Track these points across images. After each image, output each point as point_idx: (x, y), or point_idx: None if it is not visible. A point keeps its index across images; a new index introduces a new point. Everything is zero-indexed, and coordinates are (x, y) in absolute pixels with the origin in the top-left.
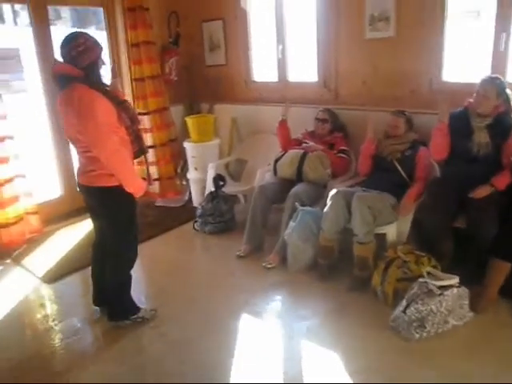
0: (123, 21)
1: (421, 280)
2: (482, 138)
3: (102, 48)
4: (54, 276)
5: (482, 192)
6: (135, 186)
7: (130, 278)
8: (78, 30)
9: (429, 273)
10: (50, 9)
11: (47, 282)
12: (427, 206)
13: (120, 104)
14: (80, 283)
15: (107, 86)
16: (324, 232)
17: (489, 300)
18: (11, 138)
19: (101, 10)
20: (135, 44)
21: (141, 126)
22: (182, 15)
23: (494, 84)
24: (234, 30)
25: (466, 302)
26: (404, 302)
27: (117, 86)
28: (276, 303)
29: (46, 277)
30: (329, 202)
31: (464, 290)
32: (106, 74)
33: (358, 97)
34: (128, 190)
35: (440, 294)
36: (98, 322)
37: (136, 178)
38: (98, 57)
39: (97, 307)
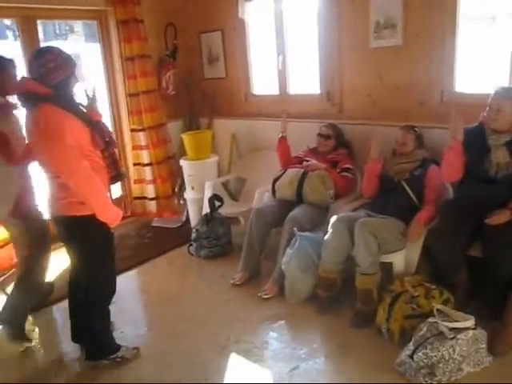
0: (117, 34)
1: (430, 320)
2: (500, 158)
3: (75, 64)
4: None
5: (500, 218)
6: (109, 215)
7: (107, 314)
8: (50, 44)
9: (439, 311)
10: (62, 23)
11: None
12: (439, 231)
13: (94, 125)
14: (62, 315)
15: (81, 105)
16: (324, 263)
17: (510, 341)
18: None
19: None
20: (129, 58)
21: (116, 149)
22: (180, 27)
23: (508, 96)
24: (233, 41)
25: (484, 345)
26: (411, 346)
27: (92, 107)
28: (271, 340)
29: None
30: (330, 230)
31: (481, 333)
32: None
33: (364, 110)
34: (102, 220)
35: (453, 338)
36: (76, 360)
37: (110, 205)
38: (71, 74)
39: (77, 344)
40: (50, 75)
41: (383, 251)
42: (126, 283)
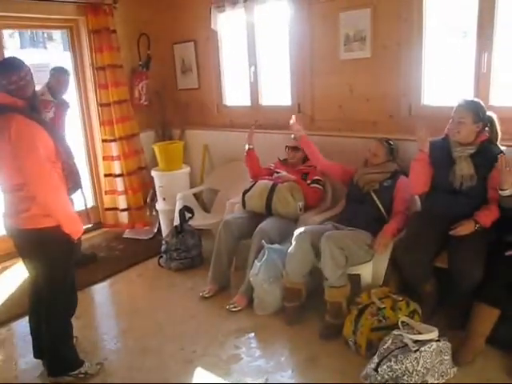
0: (88, 43)
1: (395, 332)
2: (464, 170)
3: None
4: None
5: (464, 229)
6: (74, 227)
7: (69, 328)
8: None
9: (404, 323)
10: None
11: None
12: (406, 242)
13: (57, 137)
14: (23, 331)
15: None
16: (288, 275)
17: (474, 351)
18: None
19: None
20: (101, 67)
21: (75, 160)
22: (153, 37)
23: (468, 108)
24: (206, 52)
25: (448, 356)
26: (376, 358)
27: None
28: (238, 353)
29: None
30: (293, 243)
31: (445, 344)
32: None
33: (335, 122)
34: (66, 231)
35: (416, 350)
36: (38, 377)
37: (75, 217)
38: (35, 86)
39: (38, 360)
40: (26, 88)
41: (351, 263)
42: (95, 296)
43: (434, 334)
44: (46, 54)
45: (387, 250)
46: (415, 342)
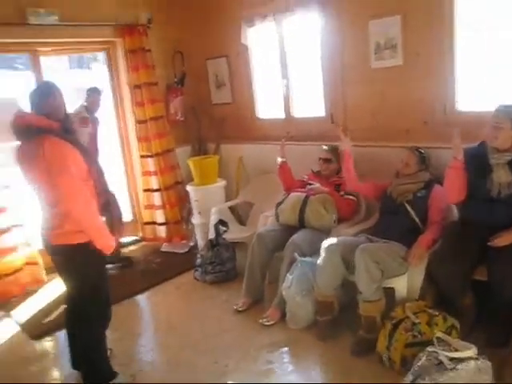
0: (125, 63)
1: (429, 349)
2: (502, 177)
3: None
4: (41, 332)
5: (503, 239)
6: (106, 242)
7: (102, 341)
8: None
9: (440, 339)
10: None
11: (33, 338)
12: (442, 254)
13: (89, 157)
14: (65, 341)
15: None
16: (319, 287)
17: None
18: (7, 187)
19: None
20: (137, 85)
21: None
22: (187, 54)
23: (507, 113)
24: (238, 66)
25: (488, 376)
26: (410, 376)
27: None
28: (271, 368)
29: (33, 332)
30: (322, 254)
31: (485, 363)
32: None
33: (368, 131)
34: (98, 247)
35: (453, 369)
36: None
37: (107, 233)
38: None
39: (76, 370)
40: (59, 110)
41: (386, 276)
42: (132, 308)
43: (472, 352)
44: (90, 74)
45: (422, 262)
46: (451, 359)
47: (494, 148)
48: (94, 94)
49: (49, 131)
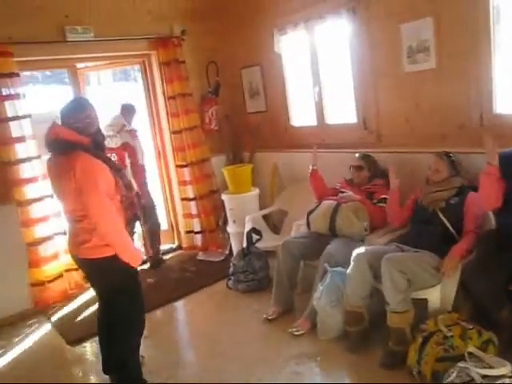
0: (160, 75)
1: (461, 364)
2: None
3: None
4: (78, 338)
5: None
6: (132, 256)
7: (135, 348)
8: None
9: (472, 354)
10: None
11: (70, 344)
12: (477, 265)
13: (118, 171)
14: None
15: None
16: (348, 297)
17: None
18: (51, 196)
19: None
20: (172, 97)
21: (134, 192)
22: (221, 64)
23: None
24: (272, 75)
25: None
26: None
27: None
28: (299, 379)
29: (71, 338)
30: (351, 264)
31: None
32: None
33: (402, 137)
34: (125, 260)
35: None
36: None
37: (133, 247)
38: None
39: (107, 375)
40: (90, 126)
41: (416, 287)
42: (166, 316)
43: (507, 369)
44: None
45: (456, 272)
46: (484, 376)
47: None
48: (129, 109)
49: (80, 147)
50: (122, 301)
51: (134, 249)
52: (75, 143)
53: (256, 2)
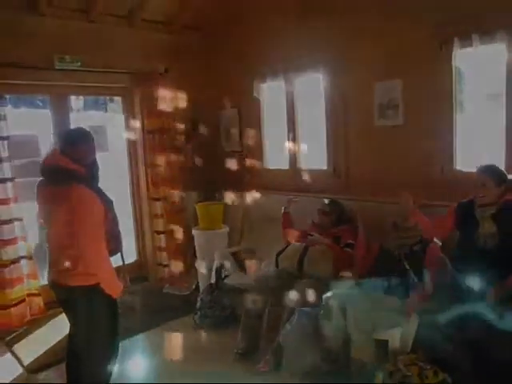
0: (140, 109)
1: None
2: (486, 229)
3: None
4: (39, 366)
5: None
6: (114, 286)
7: (103, 378)
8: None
9: None
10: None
11: (30, 372)
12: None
13: (108, 204)
14: (62, 375)
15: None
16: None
17: None
18: (20, 219)
19: None
20: (150, 131)
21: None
22: (200, 103)
23: (489, 173)
24: (249, 117)
25: None
26: None
27: None
28: None
29: (31, 365)
30: (322, 309)
31: None
32: None
33: (370, 185)
34: (106, 290)
35: None
36: None
37: (116, 278)
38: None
39: None
40: (88, 157)
41: (377, 328)
42: (129, 347)
43: None
44: (105, 116)
45: (414, 314)
46: None
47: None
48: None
49: (77, 178)
50: (98, 329)
51: (116, 279)
52: (72, 172)
53: (240, 49)
